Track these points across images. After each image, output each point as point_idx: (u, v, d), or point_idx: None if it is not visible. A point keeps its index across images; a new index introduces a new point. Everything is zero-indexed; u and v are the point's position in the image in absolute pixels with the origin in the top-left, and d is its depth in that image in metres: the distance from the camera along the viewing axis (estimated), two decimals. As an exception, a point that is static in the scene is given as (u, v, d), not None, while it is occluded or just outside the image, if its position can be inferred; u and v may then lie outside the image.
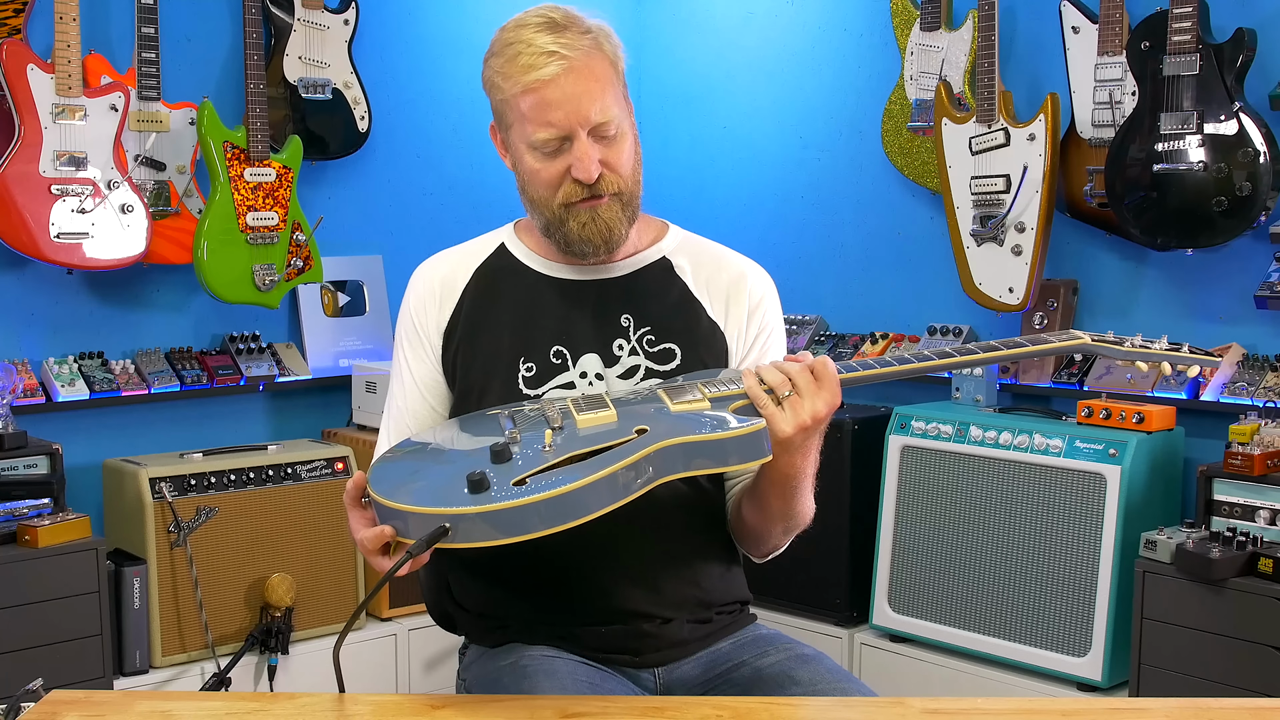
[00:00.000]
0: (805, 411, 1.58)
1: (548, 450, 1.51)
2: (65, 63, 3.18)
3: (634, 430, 1.53)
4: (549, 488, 1.42)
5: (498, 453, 1.50)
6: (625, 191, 1.75)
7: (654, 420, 1.56)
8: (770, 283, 1.90)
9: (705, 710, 1.49)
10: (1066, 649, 3.09)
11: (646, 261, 1.85)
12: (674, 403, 1.60)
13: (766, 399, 1.59)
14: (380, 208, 4.00)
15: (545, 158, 1.72)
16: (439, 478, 1.52)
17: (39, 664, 2.86)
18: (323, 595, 3.42)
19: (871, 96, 3.87)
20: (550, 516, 1.42)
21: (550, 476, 1.45)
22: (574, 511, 1.43)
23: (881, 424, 3.47)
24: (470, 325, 1.83)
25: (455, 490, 1.45)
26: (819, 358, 1.62)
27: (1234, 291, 3.18)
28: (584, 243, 1.75)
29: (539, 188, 1.75)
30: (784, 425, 1.58)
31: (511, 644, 1.77)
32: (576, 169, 1.70)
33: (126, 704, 1.58)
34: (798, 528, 1.79)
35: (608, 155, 1.72)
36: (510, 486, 1.44)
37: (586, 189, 1.72)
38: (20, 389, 3.22)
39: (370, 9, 3.84)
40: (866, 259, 3.97)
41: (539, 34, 1.69)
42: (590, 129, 1.70)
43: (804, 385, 1.59)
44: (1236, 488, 2.90)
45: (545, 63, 1.67)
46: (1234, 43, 2.97)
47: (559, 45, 1.67)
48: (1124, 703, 1.57)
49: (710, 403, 1.59)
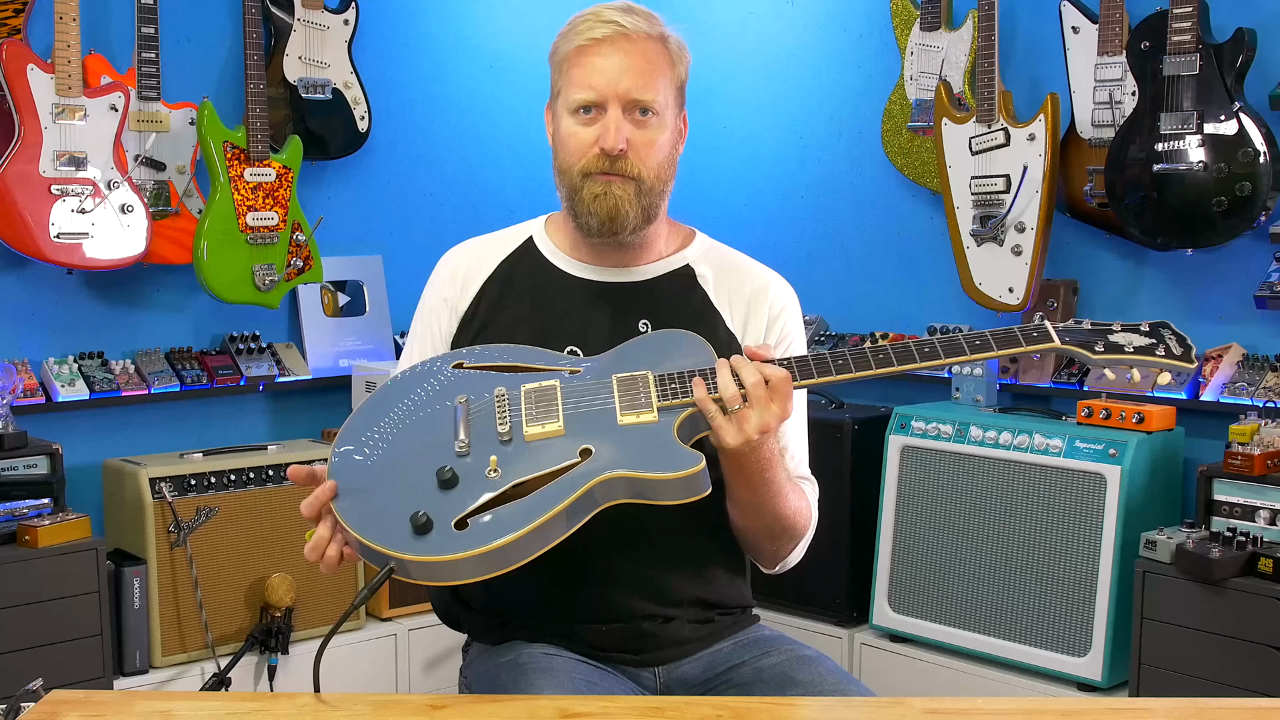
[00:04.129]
0: (752, 425, 1.57)
1: (493, 474, 1.54)
2: (65, 63, 3.18)
3: (579, 450, 1.55)
4: (485, 541, 1.47)
5: (444, 481, 1.54)
6: (645, 180, 1.75)
7: (599, 437, 1.57)
8: (793, 294, 1.89)
9: (705, 710, 1.49)
10: (1066, 649, 3.09)
11: (670, 268, 1.85)
12: (623, 411, 1.59)
13: (715, 410, 1.58)
14: (380, 208, 4.00)
15: (580, 124, 1.75)
16: (388, 500, 1.55)
17: (39, 664, 2.86)
18: (323, 595, 3.41)
19: (871, 96, 3.87)
20: (491, 564, 1.49)
21: (490, 525, 1.49)
22: (515, 556, 1.49)
23: (881, 424, 3.47)
24: (488, 316, 1.83)
25: (401, 529, 1.50)
26: (778, 373, 1.58)
27: (1234, 291, 3.18)
28: (590, 215, 1.75)
29: (567, 153, 1.77)
30: (728, 439, 1.58)
31: (513, 641, 1.78)
32: (603, 137, 1.72)
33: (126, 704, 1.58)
34: (791, 535, 1.77)
35: (638, 138, 1.74)
36: (452, 531, 1.49)
37: (608, 161, 1.73)
38: (20, 389, 3.22)
39: (370, 9, 3.84)
40: (866, 259, 3.97)
41: (609, 9, 1.76)
42: (626, 103, 1.72)
43: (756, 398, 1.57)
44: (1236, 488, 2.90)
45: (603, 30, 1.74)
46: (1234, 43, 2.97)
47: (624, 20, 1.74)
48: (1124, 703, 1.57)
49: (658, 413, 1.58)
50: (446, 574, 1.50)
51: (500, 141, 4.23)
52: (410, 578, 1.51)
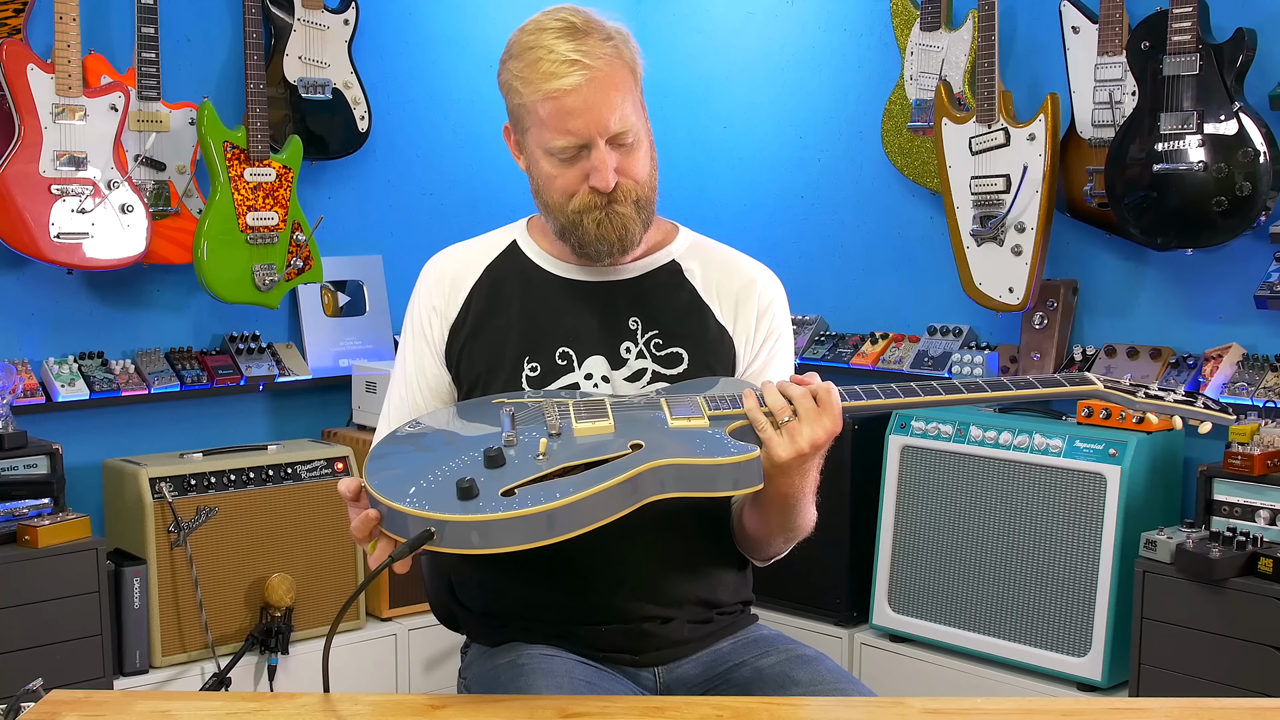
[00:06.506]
0: (804, 438, 1.57)
1: (541, 458, 1.50)
2: (65, 63, 3.18)
3: (629, 445, 1.52)
4: (534, 503, 1.42)
5: (491, 458, 1.50)
6: (642, 198, 1.75)
7: (650, 435, 1.55)
8: (780, 288, 1.89)
9: (705, 710, 1.49)
10: (1066, 649, 3.09)
11: (656, 264, 1.85)
12: (673, 417, 1.59)
13: (765, 422, 1.58)
14: (380, 208, 4.00)
15: (562, 164, 1.72)
16: (432, 476, 1.51)
17: (39, 664, 2.86)
18: (323, 595, 3.41)
19: (871, 96, 3.87)
20: (533, 532, 1.43)
21: (538, 490, 1.45)
22: (559, 528, 1.43)
23: (881, 424, 3.47)
24: (477, 322, 1.83)
25: (445, 494, 1.45)
26: (824, 384, 1.60)
27: (1234, 291, 3.18)
28: (599, 242, 1.75)
29: (554, 194, 1.75)
30: (780, 451, 1.58)
31: (512, 643, 1.77)
32: (594, 178, 1.70)
33: (126, 704, 1.58)
34: (798, 537, 1.79)
35: (625, 163, 1.73)
36: (499, 497, 1.44)
37: (603, 196, 1.72)
38: (20, 389, 3.22)
39: (370, 9, 3.84)
40: (866, 259, 3.97)
41: (560, 40, 1.68)
42: (609, 138, 1.70)
43: (805, 411, 1.58)
44: (1236, 488, 2.90)
45: (567, 71, 1.66)
46: (1234, 43, 2.97)
47: (580, 54, 1.67)
48: (1124, 703, 1.57)
49: (709, 421, 1.58)
50: (495, 538, 1.42)
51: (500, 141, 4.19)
52: (450, 546, 1.44)
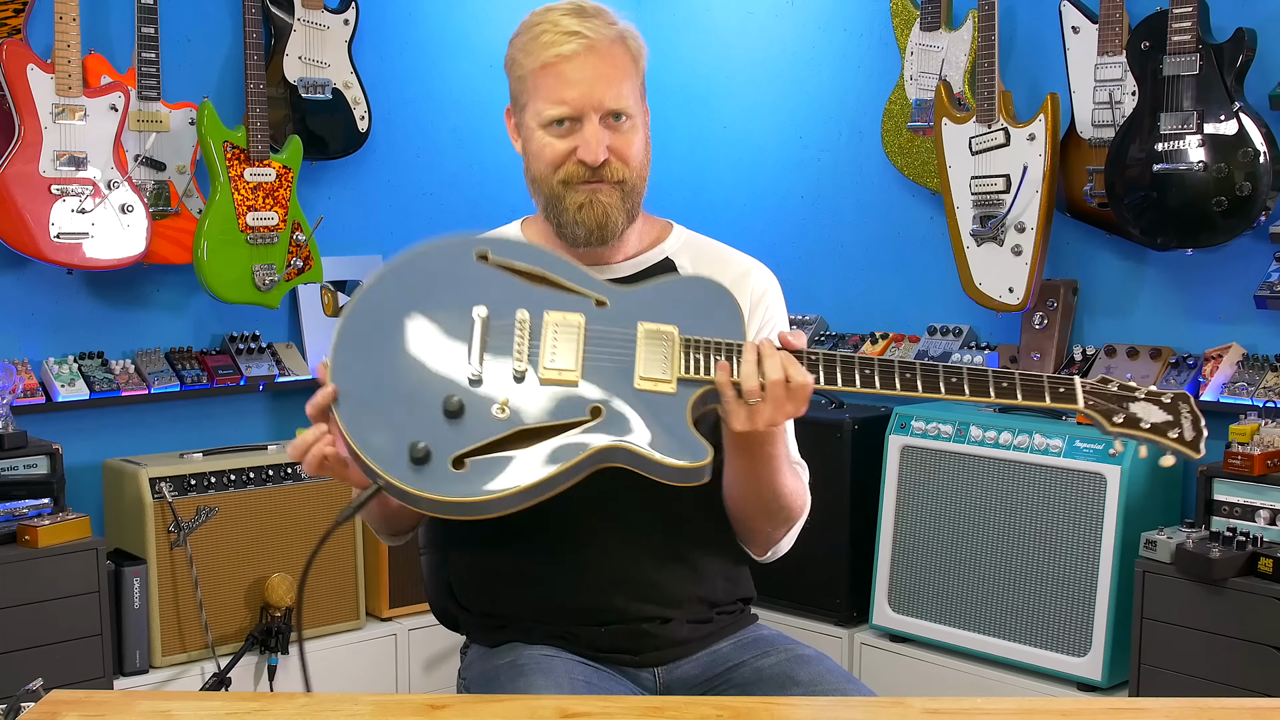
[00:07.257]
0: (763, 419, 1.57)
1: (500, 414, 1.54)
2: (65, 63, 3.18)
3: (589, 409, 1.55)
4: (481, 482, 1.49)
5: (450, 412, 1.53)
6: (629, 182, 1.74)
7: (613, 394, 1.56)
8: (773, 279, 1.89)
9: (705, 710, 1.49)
10: (1066, 649, 3.09)
11: (650, 262, 1.85)
12: (642, 375, 1.58)
13: (731, 394, 1.57)
14: (380, 208, 4.00)
15: (554, 136, 1.73)
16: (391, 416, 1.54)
17: (39, 664, 2.86)
18: (323, 595, 3.41)
19: (871, 96, 3.87)
20: (479, 510, 1.50)
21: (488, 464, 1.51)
22: (501, 508, 1.51)
23: (881, 424, 3.47)
24: None
25: (399, 455, 1.51)
26: (801, 378, 1.56)
27: (1234, 291, 3.18)
28: (578, 225, 1.75)
29: (542, 165, 1.75)
30: (737, 423, 1.58)
31: (511, 643, 1.77)
32: (583, 150, 1.71)
33: (126, 704, 1.58)
34: (788, 520, 1.77)
35: (617, 143, 1.73)
36: (449, 469, 1.50)
37: (590, 171, 1.72)
38: (20, 389, 3.22)
39: (370, 9, 3.84)
40: (866, 259, 3.97)
41: (565, 16, 1.72)
42: (602, 114, 1.71)
43: (775, 397, 1.56)
44: (1236, 488, 2.90)
45: (566, 41, 1.70)
46: (1234, 43, 2.97)
47: (583, 28, 1.70)
48: (1124, 703, 1.57)
49: (676, 384, 1.58)
50: (431, 509, 1.52)
51: (500, 141, 4.14)
52: (402, 502, 1.53)
